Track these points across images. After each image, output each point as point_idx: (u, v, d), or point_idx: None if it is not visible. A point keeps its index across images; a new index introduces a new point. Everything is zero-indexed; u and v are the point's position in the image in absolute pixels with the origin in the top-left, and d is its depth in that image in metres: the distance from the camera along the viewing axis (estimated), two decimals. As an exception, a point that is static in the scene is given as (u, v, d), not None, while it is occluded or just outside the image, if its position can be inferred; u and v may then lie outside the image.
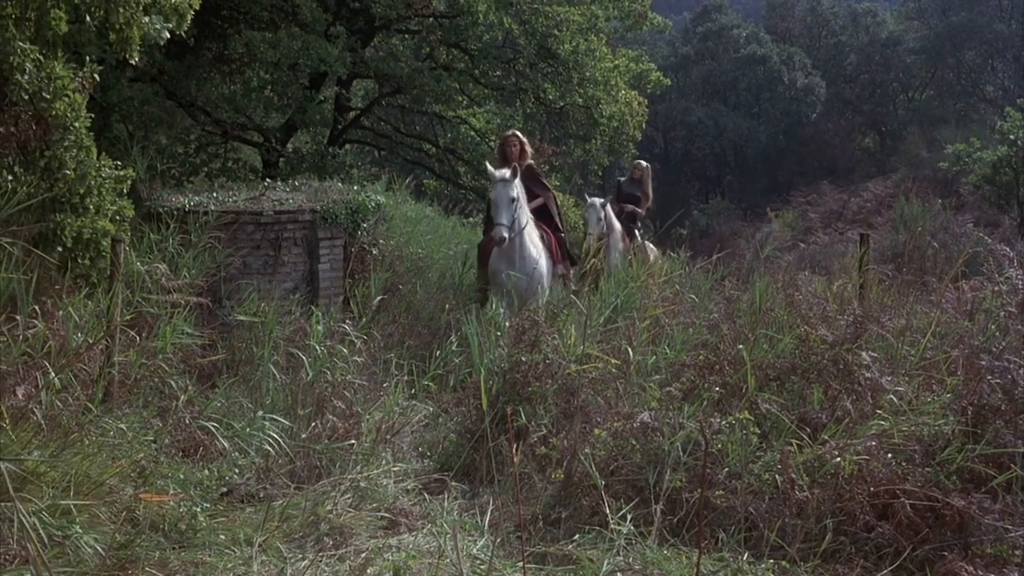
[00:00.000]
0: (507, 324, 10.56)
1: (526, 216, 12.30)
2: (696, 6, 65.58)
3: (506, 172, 11.84)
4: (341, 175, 19.71)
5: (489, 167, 12.18)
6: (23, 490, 5.44)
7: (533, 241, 12.37)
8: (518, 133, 13.49)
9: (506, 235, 11.57)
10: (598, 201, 16.10)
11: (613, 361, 8.34)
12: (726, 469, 6.69)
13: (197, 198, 12.33)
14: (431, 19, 23.13)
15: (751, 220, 44.54)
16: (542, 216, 13.20)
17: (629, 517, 6.35)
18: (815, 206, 41.59)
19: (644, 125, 26.24)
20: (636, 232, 17.57)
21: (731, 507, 6.44)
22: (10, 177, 8.09)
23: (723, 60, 54.07)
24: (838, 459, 6.51)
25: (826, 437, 6.85)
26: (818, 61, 56.27)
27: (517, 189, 11.90)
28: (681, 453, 6.73)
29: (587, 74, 23.73)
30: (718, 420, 6.92)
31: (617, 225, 16.47)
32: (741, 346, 8.11)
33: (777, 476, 6.48)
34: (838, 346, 7.81)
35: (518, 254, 12.07)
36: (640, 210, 18.03)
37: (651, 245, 17.68)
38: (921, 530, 6.15)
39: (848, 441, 6.67)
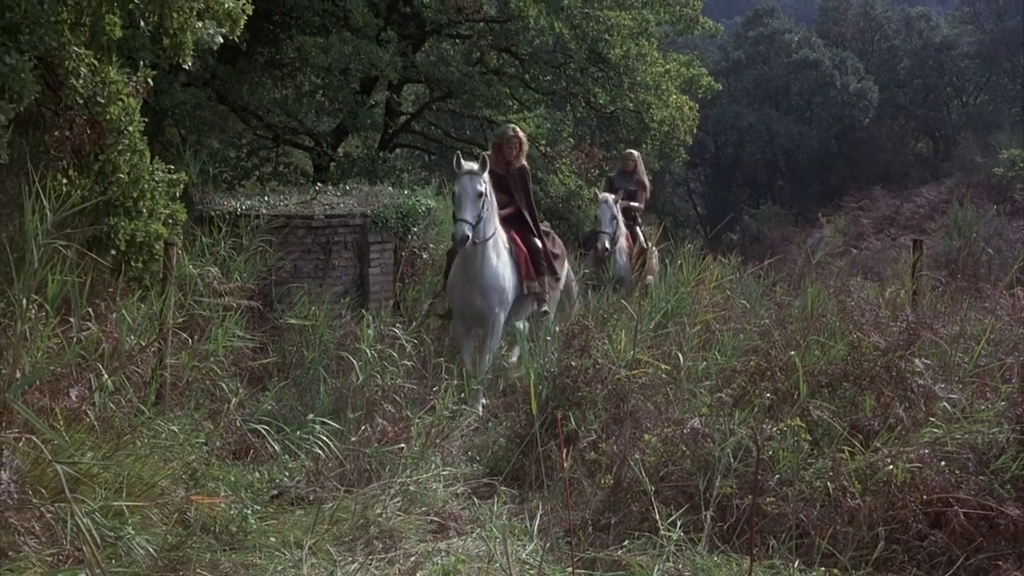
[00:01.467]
0: (467, 359, 10.46)
1: (493, 225, 10.62)
2: (748, 10, 65.28)
3: (474, 164, 10.32)
4: (391, 179, 19.78)
5: (460, 159, 10.42)
6: (77, 491, 5.48)
7: (498, 251, 10.75)
8: (520, 133, 11.80)
9: (468, 233, 9.95)
10: (610, 197, 15.14)
11: (663, 366, 8.30)
12: (777, 476, 6.65)
13: (249, 202, 12.40)
14: (482, 24, 23.15)
15: (802, 225, 44.20)
16: (515, 224, 11.45)
17: (679, 523, 6.33)
18: (867, 211, 41.19)
19: (695, 130, 26.15)
20: (639, 232, 16.31)
21: (782, 514, 6.40)
22: (65, 180, 8.16)
23: (775, 64, 53.73)
24: (890, 467, 6.45)
25: (878, 444, 6.79)
26: (871, 65, 55.77)
27: (485, 184, 10.32)
28: (732, 459, 6.70)
29: (638, 78, 23.68)
30: (769, 427, 6.88)
31: (623, 227, 15.43)
32: (793, 352, 8.05)
33: (829, 483, 6.44)
34: (891, 353, 7.74)
35: (478, 269, 10.49)
36: (638, 204, 16.43)
37: (656, 252, 16.17)
38: (975, 539, 6.08)
39: (901, 449, 6.62)
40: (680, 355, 8.78)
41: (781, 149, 52.58)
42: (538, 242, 11.46)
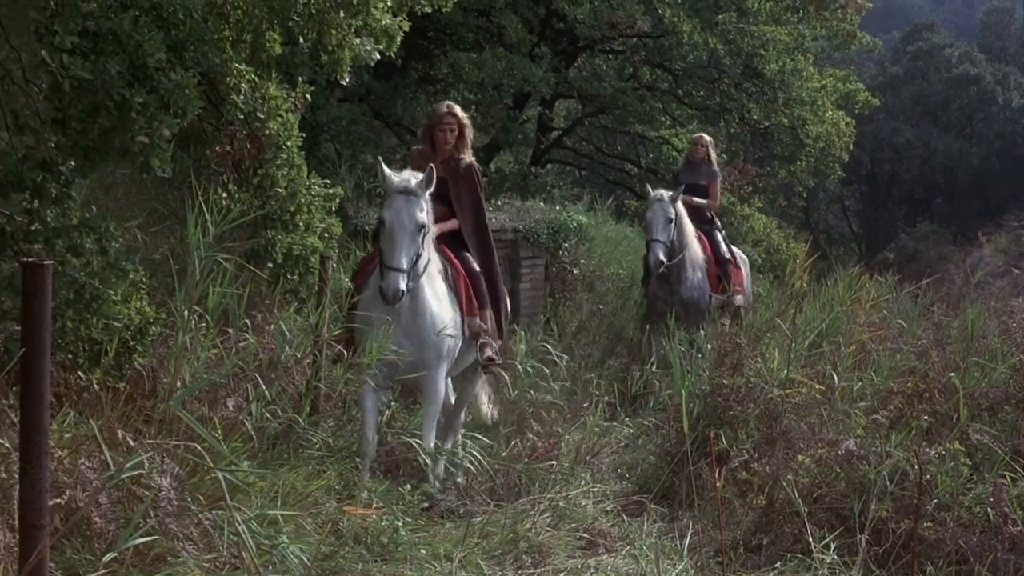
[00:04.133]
0: (372, 436, 7.68)
1: (428, 252, 7.80)
2: (906, 24, 64.17)
3: (410, 180, 7.62)
4: (543, 195, 19.82)
5: (385, 170, 7.71)
6: (234, 499, 5.59)
7: (433, 282, 7.97)
8: (456, 109, 8.68)
9: (402, 287, 7.33)
10: (666, 195, 12.01)
11: (817, 387, 8.19)
12: (935, 500, 6.51)
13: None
14: (635, 39, 23.12)
15: (961, 245, 43.24)
16: (448, 240, 8.49)
17: (833, 546, 6.23)
18: (1030, 231, 40.16)
19: (851, 146, 25.73)
20: (720, 238, 13.10)
21: (940, 540, 6.27)
22: (225, 195, 8.33)
23: (934, 80, 52.71)
24: (1055, 493, 6.28)
25: (1042, 470, 6.62)
26: (1034, 81, 54.47)
27: (427, 207, 7.64)
28: (888, 483, 6.58)
29: (793, 94, 23.40)
30: (927, 450, 6.73)
31: (691, 229, 12.37)
32: (952, 374, 7.88)
33: (989, 509, 6.29)
34: (1056, 376, 7.55)
35: (409, 307, 7.73)
36: (710, 201, 13.10)
37: (741, 255, 13.55)
38: None
39: (1066, 475, 6.44)
40: (835, 375, 8.65)
41: (940, 166, 51.48)
42: (476, 265, 8.50)
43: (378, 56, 9.60)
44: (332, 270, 8.68)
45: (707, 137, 13.66)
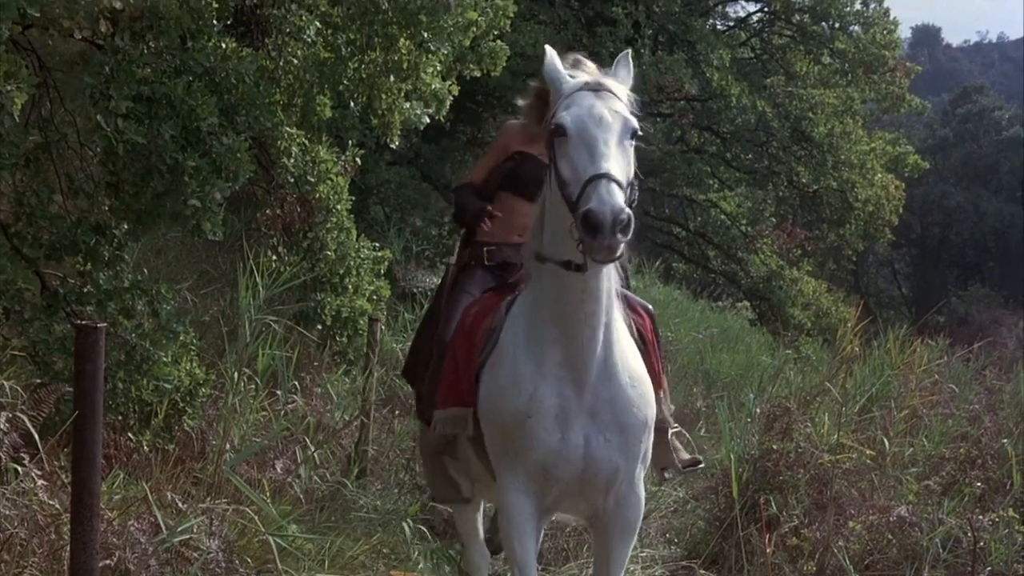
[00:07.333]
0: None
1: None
2: (955, 87, 64.04)
3: (600, 76, 4.65)
4: (591, 258, 19.79)
5: (556, 62, 4.72)
6: (283, 562, 5.59)
7: (622, 335, 4.88)
8: None
9: (624, 205, 4.25)
10: None
11: (868, 452, 8.11)
12: (989, 568, 6.44)
13: (450, 279, 12.56)
14: (683, 102, 23.19)
15: (1014, 308, 42.82)
16: None
17: (886, 614, 6.16)
18: (1083, 294, 39.83)
19: (900, 209, 25.64)
20: None
21: (995, 608, 6.19)
22: (275, 257, 8.41)
23: (984, 142, 52.53)
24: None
25: (1098, 539, 6.52)
26: (1086, 144, 54.15)
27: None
28: (940, 550, 6.51)
29: (842, 157, 23.36)
30: (981, 517, 6.66)
31: None
32: (1005, 440, 7.80)
33: (1045, 578, 6.21)
34: (1112, 443, 7.46)
35: (599, 365, 4.71)
36: None
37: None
38: None
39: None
40: (886, 440, 8.57)
41: (991, 229, 51.16)
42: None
43: (427, 120, 9.68)
44: (380, 332, 8.70)
45: None
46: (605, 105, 4.41)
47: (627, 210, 4.16)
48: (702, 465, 5.89)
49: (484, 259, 5.76)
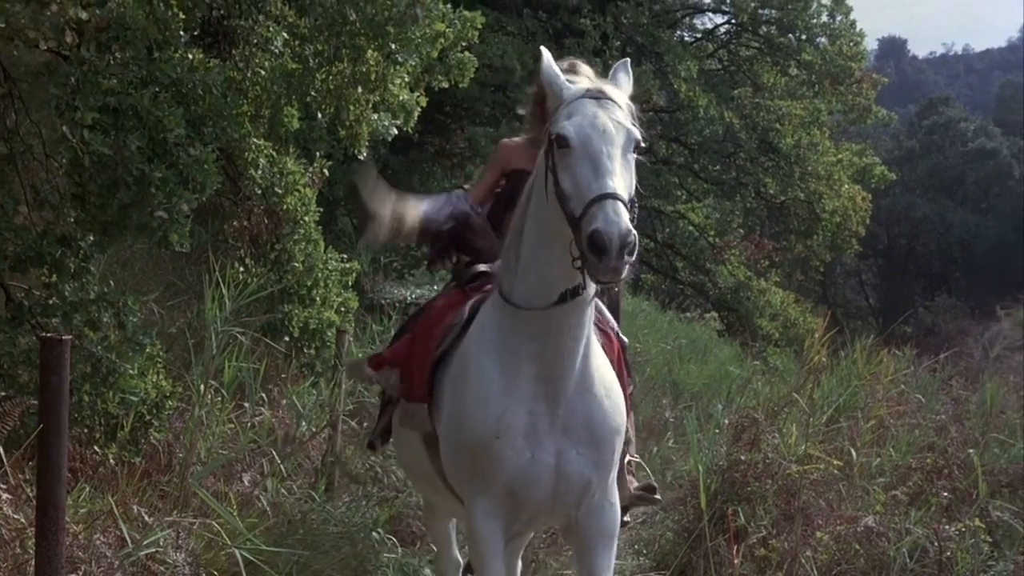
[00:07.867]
0: None
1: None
2: (921, 99, 64.44)
3: (602, 85, 4.49)
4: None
5: (553, 67, 4.54)
6: (250, 575, 5.57)
7: (596, 350, 4.80)
8: None
9: (631, 227, 3.99)
10: None
11: (835, 462, 8.14)
12: (955, 578, 6.47)
13: (418, 290, 12.58)
14: (651, 113, 23.25)
15: (979, 319, 43.12)
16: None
17: (853, 624, 6.18)
18: (1049, 304, 40.09)
19: (867, 220, 25.78)
20: None
21: (961, 618, 6.22)
22: (242, 269, 8.37)
23: (950, 154, 52.92)
24: (1077, 572, 6.23)
25: (1064, 548, 6.57)
26: (1051, 154, 54.56)
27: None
28: (907, 560, 6.54)
29: (809, 168, 23.52)
30: (947, 527, 6.69)
31: None
32: (971, 450, 7.84)
33: (1011, 587, 6.24)
34: (1078, 452, 7.51)
35: (577, 378, 4.63)
36: None
37: None
38: None
39: (1089, 553, 6.39)
40: (853, 451, 8.59)
41: (957, 240, 51.53)
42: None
43: (395, 131, 9.68)
44: (348, 344, 8.68)
45: None
46: (608, 115, 4.27)
47: (634, 232, 3.96)
48: (658, 497, 5.68)
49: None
